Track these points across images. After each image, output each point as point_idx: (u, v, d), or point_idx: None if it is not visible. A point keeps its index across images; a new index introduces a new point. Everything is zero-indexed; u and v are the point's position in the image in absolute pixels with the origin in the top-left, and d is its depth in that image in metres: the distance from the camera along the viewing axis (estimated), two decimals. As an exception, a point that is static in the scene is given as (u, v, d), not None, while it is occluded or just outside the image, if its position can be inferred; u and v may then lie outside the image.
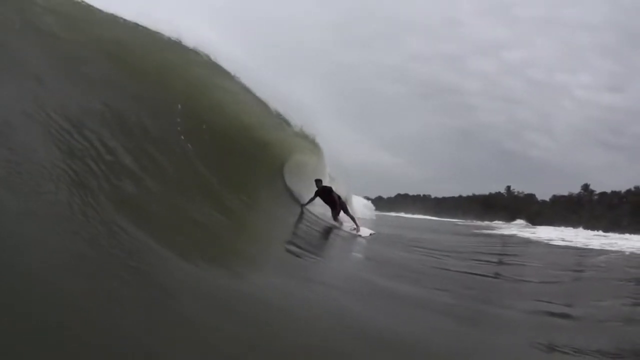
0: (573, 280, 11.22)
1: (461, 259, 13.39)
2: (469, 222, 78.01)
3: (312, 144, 15.35)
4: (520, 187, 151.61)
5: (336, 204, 13.38)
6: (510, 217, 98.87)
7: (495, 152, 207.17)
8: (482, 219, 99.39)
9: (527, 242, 30.07)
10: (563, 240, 34.92)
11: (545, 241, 31.65)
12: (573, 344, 4.75)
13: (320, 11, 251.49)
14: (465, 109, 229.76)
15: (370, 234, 13.54)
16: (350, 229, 13.22)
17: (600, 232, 63.87)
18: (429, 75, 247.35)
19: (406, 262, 11.32)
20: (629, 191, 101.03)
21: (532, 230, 56.28)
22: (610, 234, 59.23)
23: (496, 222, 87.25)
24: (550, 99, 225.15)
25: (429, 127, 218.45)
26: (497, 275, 10.81)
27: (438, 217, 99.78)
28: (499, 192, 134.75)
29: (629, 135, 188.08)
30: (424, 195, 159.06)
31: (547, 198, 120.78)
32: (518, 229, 59.61)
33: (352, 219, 13.69)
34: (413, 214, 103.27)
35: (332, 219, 13.66)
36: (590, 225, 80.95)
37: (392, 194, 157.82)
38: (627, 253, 21.90)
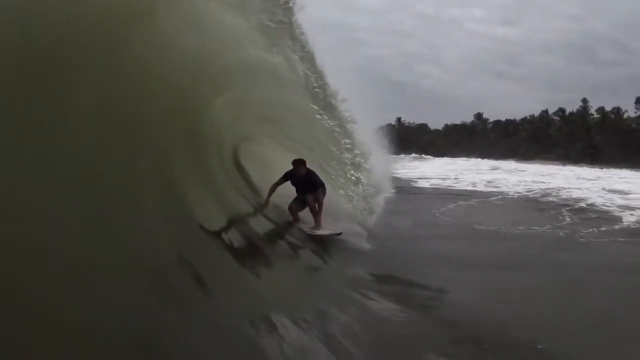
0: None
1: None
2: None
3: None
4: (413, 118, 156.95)
5: (317, 194, 9.67)
6: (401, 149, 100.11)
7: (385, 85, 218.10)
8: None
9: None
10: (442, 178, 33.35)
11: (415, 182, 29.66)
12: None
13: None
14: (353, 45, 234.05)
15: (338, 234, 9.85)
16: (310, 229, 9.67)
17: (494, 161, 65.85)
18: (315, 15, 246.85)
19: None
20: (524, 119, 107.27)
21: (416, 165, 55.35)
22: (505, 164, 60.71)
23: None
24: (442, 32, 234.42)
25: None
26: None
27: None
28: (390, 124, 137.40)
29: (524, 65, 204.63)
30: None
31: (440, 128, 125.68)
32: (403, 163, 58.23)
33: (318, 220, 9.90)
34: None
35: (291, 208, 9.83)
36: (485, 154, 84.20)
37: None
38: (492, 200, 20.00)
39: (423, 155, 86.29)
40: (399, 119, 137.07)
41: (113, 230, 3.93)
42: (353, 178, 11.47)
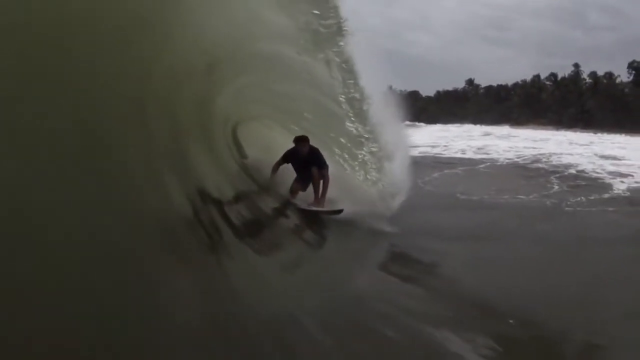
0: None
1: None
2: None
3: None
4: (403, 86, 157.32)
5: (323, 171, 9.29)
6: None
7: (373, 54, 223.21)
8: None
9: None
10: (431, 146, 33.05)
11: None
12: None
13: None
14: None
15: (338, 212, 9.39)
16: (308, 204, 9.32)
17: (487, 127, 65.55)
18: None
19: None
20: (516, 84, 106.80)
21: (408, 133, 54.92)
22: (498, 129, 60.37)
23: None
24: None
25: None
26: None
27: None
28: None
29: (514, 30, 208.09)
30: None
31: (432, 94, 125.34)
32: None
33: (322, 201, 9.50)
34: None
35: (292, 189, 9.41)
36: (478, 120, 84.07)
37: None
38: (479, 167, 19.65)
39: (416, 123, 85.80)
40: (389, 87, 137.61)
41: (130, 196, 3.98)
42: (373, 179, 10.99)
